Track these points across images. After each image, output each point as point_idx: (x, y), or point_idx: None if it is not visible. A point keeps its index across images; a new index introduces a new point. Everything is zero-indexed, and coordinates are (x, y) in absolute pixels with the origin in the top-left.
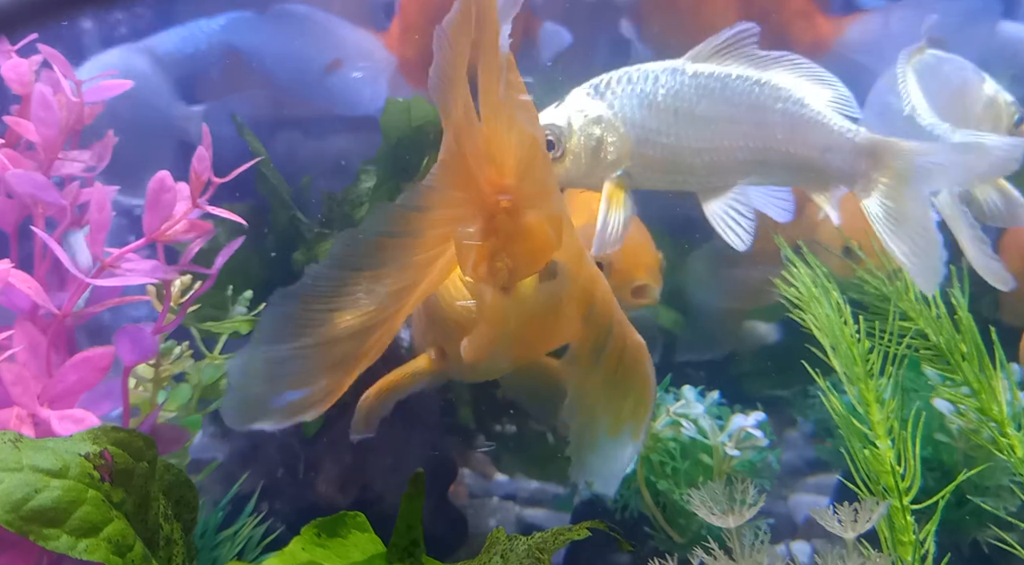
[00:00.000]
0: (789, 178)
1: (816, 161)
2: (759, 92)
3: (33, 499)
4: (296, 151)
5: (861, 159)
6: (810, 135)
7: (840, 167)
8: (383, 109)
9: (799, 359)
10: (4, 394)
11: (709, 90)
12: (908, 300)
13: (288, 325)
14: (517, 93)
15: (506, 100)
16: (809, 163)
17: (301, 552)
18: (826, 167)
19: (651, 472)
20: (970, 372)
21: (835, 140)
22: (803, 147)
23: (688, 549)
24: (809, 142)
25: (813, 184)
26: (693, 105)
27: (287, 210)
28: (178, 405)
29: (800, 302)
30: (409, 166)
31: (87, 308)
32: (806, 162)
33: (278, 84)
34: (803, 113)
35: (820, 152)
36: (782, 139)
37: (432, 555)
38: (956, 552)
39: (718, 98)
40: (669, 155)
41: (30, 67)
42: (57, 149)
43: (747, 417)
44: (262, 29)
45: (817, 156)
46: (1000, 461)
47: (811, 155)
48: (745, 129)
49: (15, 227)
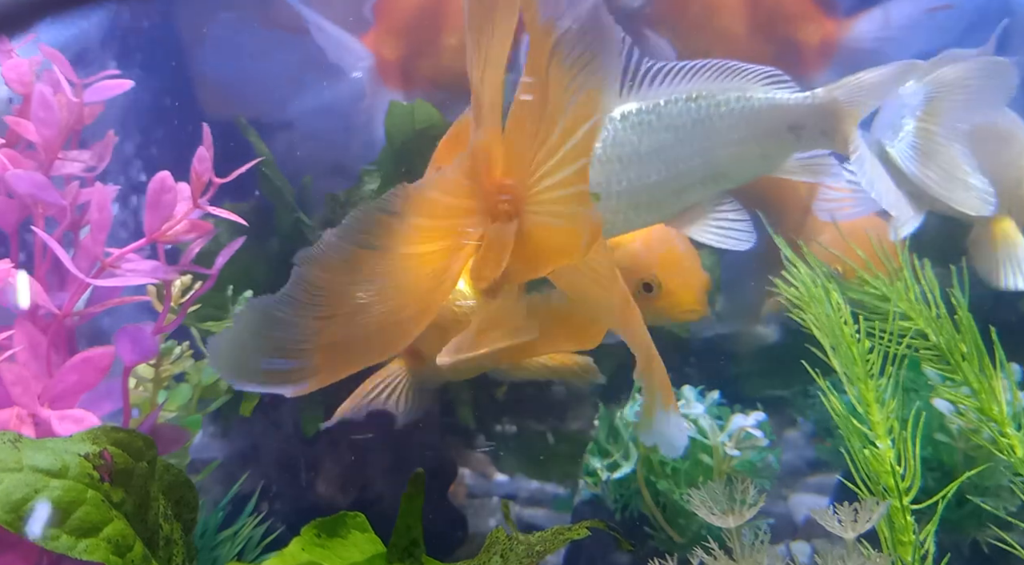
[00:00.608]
0: (765, 169)
1: (786, 141)
2: (697, 106)
3: (33, 499)
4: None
5: (829, 117)
6: (768, 121)
7: (812, 135)
8: (387, 112)
9: (799, 359)
10: (4, 394)
11: (646, 125)
12: (908, 300)
13: (297, 288)
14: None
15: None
16: (780, 147)
17: (301, 552)
18: (797, 141)
19: (651, 472)
20: (970, 372)
21: (795, 112)
22: (766, 135)
23: (688, 549)
24: (770, 127)
25: (791, 166)
26: (636, 146)
27: (291, 212)
28: (178, 405)
29: (800, 302)
30: (412, 169)
31: (87, 308)
32: (776, 147)
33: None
34: (751, 105)
35: (786, 130)
36: (740, 138)
37: (432, 555)
38: (956, 552)
39: (658, 128)
40: (630, 200)
41: (30, 67)
42: (57, 149)
43: (747, 417)
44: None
45: (785, 135)
46: (1000, 461)
47: (778, 138)
48: (698, 145)
49: (15, 227)
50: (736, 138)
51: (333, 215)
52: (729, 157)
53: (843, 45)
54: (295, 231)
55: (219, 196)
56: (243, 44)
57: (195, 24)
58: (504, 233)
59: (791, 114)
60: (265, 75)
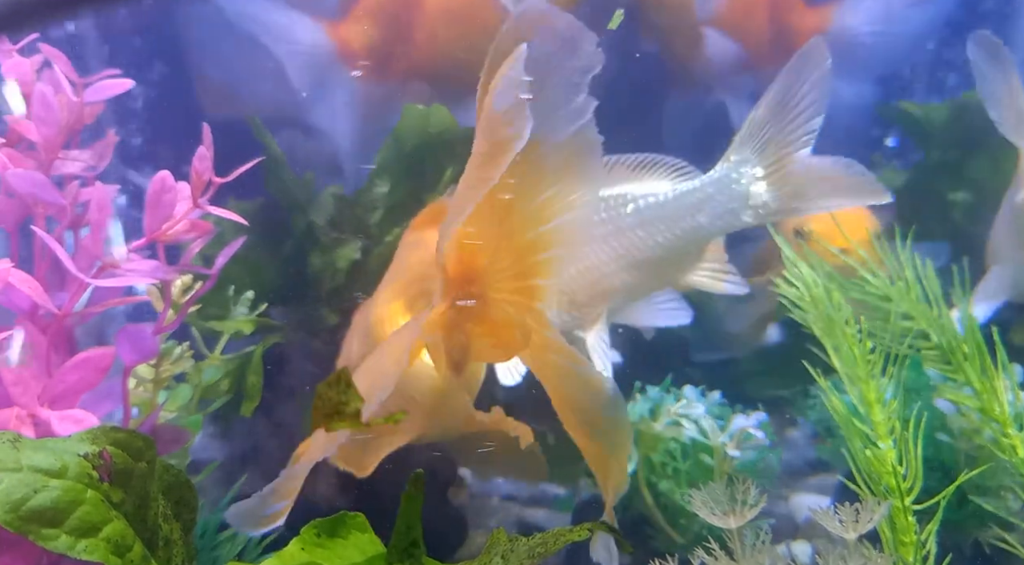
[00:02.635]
0: (692, 260)
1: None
2: (606, 205)
3: (32, 499)
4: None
5: (752, 194)
6: (676, 213)
7: (746, 213)
8: (401, 114)
9: (800, 359)
10: (4, 394)
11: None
12: (910, 300)
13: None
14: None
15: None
16: (696, 235)
17: (301, 552)
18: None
19: (652, 473)
20: (972, 372)
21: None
22: (681, 228)
23: (689, 549)
24: (681, 219)
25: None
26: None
27: (302, 213)
28: (178, 405)
29: (801, 302)
30: (425, 173)
31: (87, 308)
32: (693, 237)
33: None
34: (659, 201)
35: (717, 216)
36: (659, 239)
37: (432, 556)
38: (957, 552)
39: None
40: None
41: (31, 66)
42: (57, 149)
43: (748, 417)
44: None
45: (713, 221)
46: (1002, 461)
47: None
48: (614, 246)
49: (15, 227)
50: (654, 239)
51: (341, 216)
52: (651, 257)
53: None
54: (307, 230)
55: (225, 194)
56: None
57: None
58: (478, 316)
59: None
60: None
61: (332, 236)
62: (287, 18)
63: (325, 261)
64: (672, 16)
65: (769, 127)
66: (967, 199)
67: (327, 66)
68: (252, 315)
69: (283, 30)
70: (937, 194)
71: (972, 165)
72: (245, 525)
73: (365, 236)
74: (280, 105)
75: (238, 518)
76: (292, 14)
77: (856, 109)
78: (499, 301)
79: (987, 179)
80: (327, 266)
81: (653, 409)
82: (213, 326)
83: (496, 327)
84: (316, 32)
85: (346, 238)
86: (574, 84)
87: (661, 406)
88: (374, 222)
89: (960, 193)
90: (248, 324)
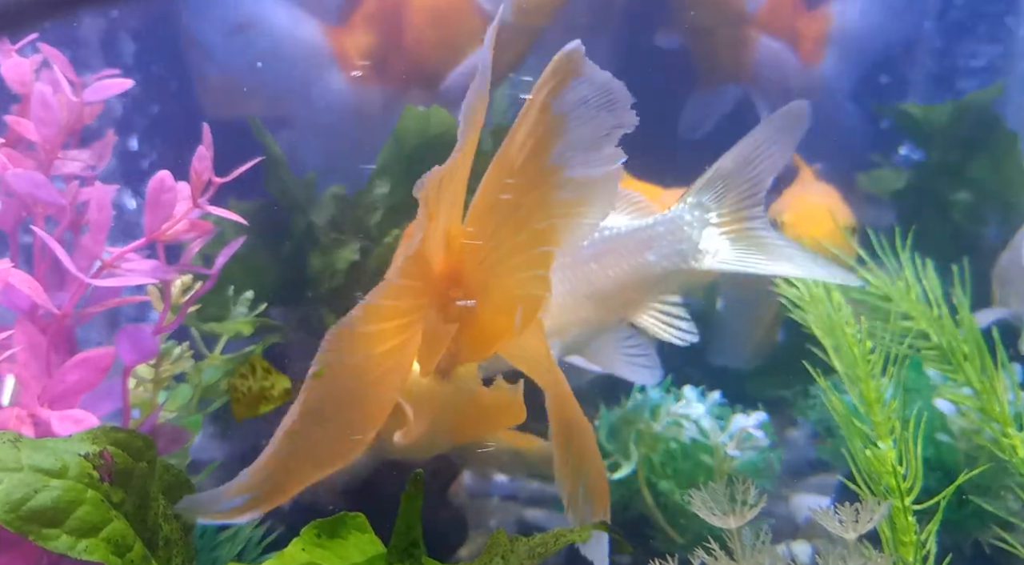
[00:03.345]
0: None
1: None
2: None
3: (32, 499)
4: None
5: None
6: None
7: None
8: (400, 115)
9: (800, 359)
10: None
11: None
12: (910, 300)
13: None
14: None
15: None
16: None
17: (301, 553)
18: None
19: (652, 473)
20: (972, 372)
21: (665, 232)
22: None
23: (689, 549)
24: (649, 251)
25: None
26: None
27: (302, 213)
28: (178, 405)
29: (801, 302)
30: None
31: (87, 308)
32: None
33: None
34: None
35: (664, 255)
36: (614, 272)
37: (432, 556)
38: (958, 552)
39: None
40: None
41: (30, 66)
42: (57, 148)
43: (748, 417)
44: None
45: (665, 260)
46: (1002, 461)
47: (658, 261)
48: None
49: (15, 227)
50: (606, 273)
51: (342, 216)
52: (603, 290)
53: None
54: (307, 230)
55: (225, 194)
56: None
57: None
58: (446, 321)
59: (663, 237)
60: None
61: (332, 236)
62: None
63: (325, 262)
64: (717, 14)
65: (734, 178)
66: (968, 199)
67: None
68: (252, 315)
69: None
70: (938, 194)
71: (973, 166)
72: (194, 513)
73: (365, 237)
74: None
75: (187, 505)
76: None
77: (856, 109)
78: (493, 301)
79: (988, 179)
80: (327, 266)
81: (653, 409)
82: (212, 327)
83: (484, 326)
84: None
85: (346, 239)
86: (605, 136)
87: (661, 406)
88: (374, 223)
89: (961, 193)
90: (248, 324)
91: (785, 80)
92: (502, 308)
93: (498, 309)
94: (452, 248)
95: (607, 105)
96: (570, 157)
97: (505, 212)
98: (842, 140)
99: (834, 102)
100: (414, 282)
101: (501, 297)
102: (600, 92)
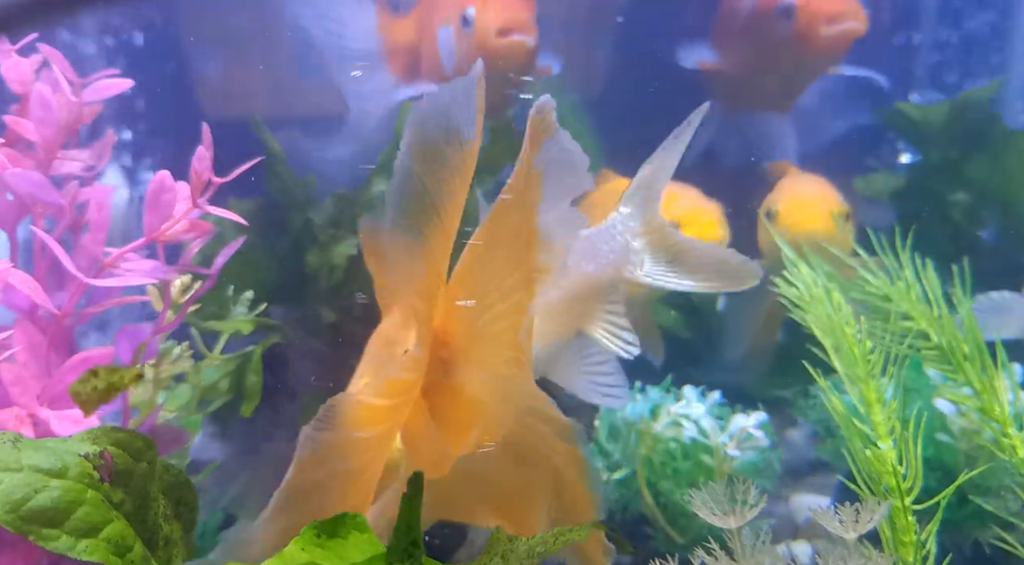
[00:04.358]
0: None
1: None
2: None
3: (32, 499)
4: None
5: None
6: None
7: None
8: (400, 112)
9: (800, 359)
10: (4, 394)
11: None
12: (910, 300)
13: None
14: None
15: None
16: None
17: (300, 553)
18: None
19: (652, 473)
20: (972, 372)
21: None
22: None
23: (689, 549)
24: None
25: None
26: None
27: (300, 211)
28: (178, 405)
29: (801, 302)
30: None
31: (87, 308)
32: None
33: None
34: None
35: (601, 266)
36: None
37: (432, 556)
38: (958, 552)
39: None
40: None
41: (30, 66)
42: (56, 148)
43: (748, 417)
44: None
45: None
46: (1002, 461)
47: (597, 272)
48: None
49: (14, 227)
50: (555, 284)
51: (341, 214)
52: (553, 304)
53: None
54: (305, 229)
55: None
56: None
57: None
58: (444, 387)
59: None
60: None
61: (330, 233)
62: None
63: (322, 259)
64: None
65: (654, 185)
66: (966, 199)
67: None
68: (251, 315)
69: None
70: (936, 195)
71: (971, 165)
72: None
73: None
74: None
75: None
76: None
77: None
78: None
79: (987, 179)
80: (324, 264)
81: (653, 409)
82: (212, 325)
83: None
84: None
85: (343, 235)
86: (565, 195)
87: (661, 406)
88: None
89: (959, 193)
90: (247, 324)
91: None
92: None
93: (477, 390)
94: (449, 310)
95: (568, 169)
96: (543, 214)
97: (490, 271)
98: (842, 142)
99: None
100: (411, 375)
101: (486, 370)
102: (564, 153)
